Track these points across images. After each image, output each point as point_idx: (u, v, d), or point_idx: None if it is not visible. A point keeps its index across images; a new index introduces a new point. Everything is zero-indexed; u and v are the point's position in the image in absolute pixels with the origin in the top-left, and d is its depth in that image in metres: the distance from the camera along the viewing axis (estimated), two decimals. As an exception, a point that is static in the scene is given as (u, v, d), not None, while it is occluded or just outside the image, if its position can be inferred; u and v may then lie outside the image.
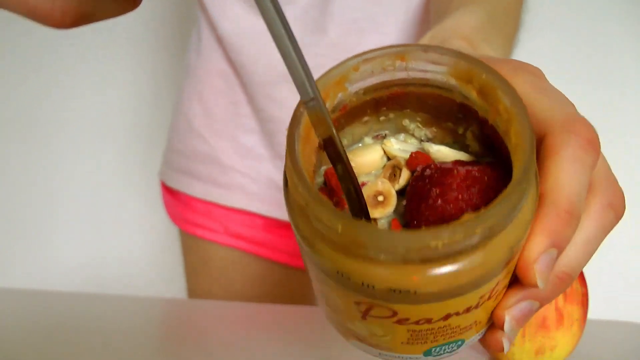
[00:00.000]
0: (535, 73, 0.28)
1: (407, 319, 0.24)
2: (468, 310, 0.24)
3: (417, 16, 0.62)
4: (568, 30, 1.03)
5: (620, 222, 0.29)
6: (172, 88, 1.18)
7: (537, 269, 0.24)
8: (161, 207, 0.76)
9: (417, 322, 0.24)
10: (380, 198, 0.27)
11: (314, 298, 0.80)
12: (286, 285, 0.73)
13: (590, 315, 0.47)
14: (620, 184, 0.29)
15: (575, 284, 0.39)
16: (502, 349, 0.27)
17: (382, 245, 0.22)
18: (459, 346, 0.27)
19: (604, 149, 0.29)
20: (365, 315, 0.25)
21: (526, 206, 0.24)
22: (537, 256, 0.24)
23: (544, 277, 0.25)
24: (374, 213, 0.26)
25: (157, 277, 1.23)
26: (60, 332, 0.49)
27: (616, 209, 0.27)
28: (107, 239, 1.25)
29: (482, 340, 0.28)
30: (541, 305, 0.26)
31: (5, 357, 0.45)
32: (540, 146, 0.26)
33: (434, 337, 0.25)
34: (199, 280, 0.73)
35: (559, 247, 0.25)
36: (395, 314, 0.24)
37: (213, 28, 0.65)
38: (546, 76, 0.29)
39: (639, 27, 1.05)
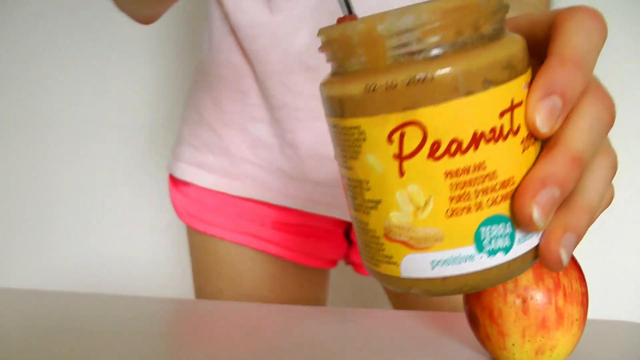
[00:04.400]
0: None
1: (438, 144, 0.25)
2: (494, 134, 0.25)
3: None
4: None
5: (620, 222, 0.29)
6: (177, 88, 1.18)
7: (538, 111, 0.26)
8: (165, 206, 0.77)
9: (449, 150, 0.25)
10: None
11: (326, 298, 0.80)
12: (298, 285, 0.74)
13: (590, 315, 0.47)
14: (619, 183, 0.30)
15: (575, 284, 0.39)
16: (560, 263, 0.26)
17: (393, 24, 0.25)
18: (509, 234, 0.26)
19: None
20: (400, 162, 0.26)
21: (511, 36, 0.27)
22: (537, 101, 0.26)
23: (546, 120, 0.26)
24: None
25: (161, 278, 1.23)
26: (60, 332, 0.49)
27: (607, 105, 0.27)
28: (108, 239, 1.25)
29: (540, 258, 0.27)
30: (562, 191, 0.26)
31: (5, 357, 0.45)
32: (548, 33, 0.28)
33: (477, 195, 0.26)
34: (208, 279, 0.73)
35: (562, 96, 0.25)
36: (425, 132, 0.25)
37: (227, 19, 0.66)
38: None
39: (639, 27, 1.05)
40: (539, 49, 0.29)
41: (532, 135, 0.27)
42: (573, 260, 0.41)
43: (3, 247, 1.27)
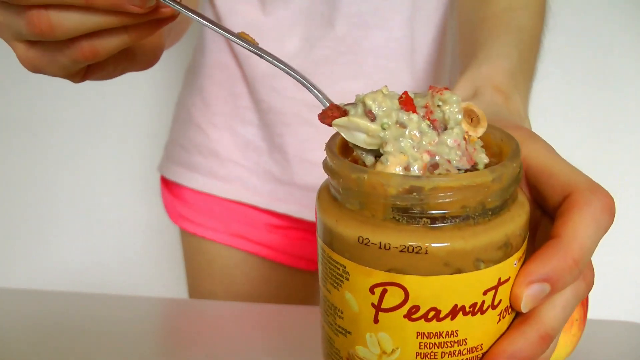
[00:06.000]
0: (548, 144, 0.30)
1: (417, 308, 0.25)
2: (474, 309, 0.25)
3: (423, 13, 0.62)
4: (568, 31, 1.03)
5: (620, 222, 0.29)
6: (177, 88, 1.18)
7: (526, 294, 0.26)
8: (162, 207, 0.76)
9: (426, 315, 0.25)
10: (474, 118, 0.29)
11: (316, 299, 0.79)
12: (290, 287, 0.73)
13: (590, 315, 0.47)
14: (620, 183, 0.30)
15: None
16: None
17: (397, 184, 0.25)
18: None
19: (603, 148, 0.29)
20: (377, 311, 0.26)
21: (519, 203, 0.27)
22: (527, 284, 0.26)
23: (530, 303, 0.26)
24: (471, 130, 0.28)
25: (157, 278, 1.23)
26: (60, 332, 0.49)
27: (587, 281, 0.28)
28: (107, 239, 1.25)
29: None
30: None
31: (6, 357, 0.45)
32: (563, 201, 0.28)
33: (442, 355, 0.26)
34: (201, 281, 0.73)
35: (553, 286, 0.26)
36: (406, 295, 0.25)
37: (218, 20, 0.66)
38: (546, 77, 0.30)
39: (639, 27, 1.05)
40: (543, 200, 0.29)
41: (512, 309, 0.27)
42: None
43: (3, 247, 1.26)
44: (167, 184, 0.74)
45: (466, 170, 0.28)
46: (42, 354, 0.45)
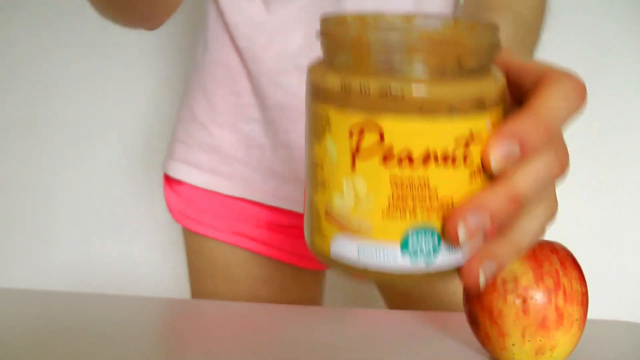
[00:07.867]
0: None
1: (391, 151, 0.28)
2: (445, 157, 0.28)
3: (426, 11, 0.62)
4: (568, 31, 1.03)
5: (620, 222, 0.29)
6: (177, 88, 1.18)
7: (495, 152, 0.28)
8: (164, 207, 0.76)
9: (399, 159, 0.28)
10: None
11: (322, 299, 0.79)
12: (294, 286, 0.73)
13: (590, 315, 0.47)
14: (619, 183, 0.30)
15: (575, 284, 0.39)
16: (478, 282, 0.29)
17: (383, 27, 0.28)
18: (434, 245, 0.29)
19: (603, 147, 0.29)
20: (354, 155, 0.28)
21: (495, 75, 0.29)
22: (497, 139, 0.27)
23: (500, 161, 0.28)
24: None
25: (159, 278, 1.24)
26: (60, 332, 0.49)
27: (561, 162, 0.29)
28: (107, 239, 1.25)
29: (460, 271, 0.30)
30: (492, 222, 0.28)
31: (6, 357, 0.45)
32: (534, 83, 0.30)
33: (413, 205, 0.28)
34: (204, 280, 0.73)
35: (522, 147, 0.27)
36: (382, 137, 0.28)
37: (222, 17, 0.66)
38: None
39: (639, 27, 1.05)
40: (519, 92, 0.31)
41: (484, 170, 0.29)
42: (573, 260, 0.40)
43: (2, 247, 1.27)
44: (170, 182, 0.74)
45: None
46: (41, 354, 0.45)
